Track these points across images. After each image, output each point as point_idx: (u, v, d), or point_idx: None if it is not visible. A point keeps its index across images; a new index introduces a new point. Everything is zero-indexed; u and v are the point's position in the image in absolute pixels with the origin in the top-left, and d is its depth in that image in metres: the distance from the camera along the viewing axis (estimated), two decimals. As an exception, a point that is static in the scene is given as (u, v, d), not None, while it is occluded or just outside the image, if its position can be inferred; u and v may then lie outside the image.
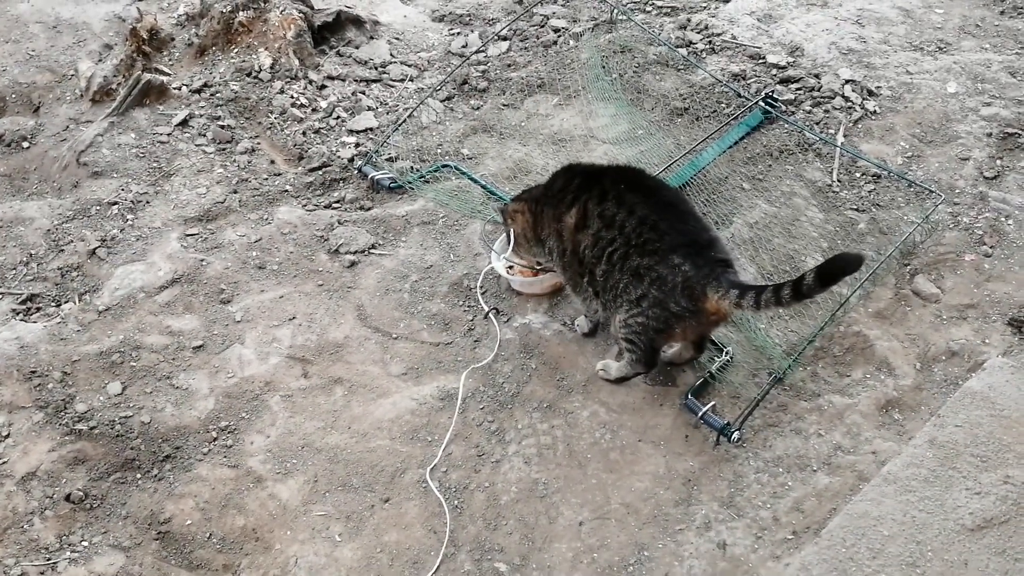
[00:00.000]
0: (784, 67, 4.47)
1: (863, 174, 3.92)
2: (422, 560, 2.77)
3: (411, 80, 4.73)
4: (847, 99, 4.24)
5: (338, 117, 4.45)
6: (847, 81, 4.33)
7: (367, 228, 3.86)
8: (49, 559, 2.83)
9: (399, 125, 4.35)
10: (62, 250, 3.85)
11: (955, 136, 4.06)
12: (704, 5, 4.97)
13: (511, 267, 3.57)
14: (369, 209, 3.99)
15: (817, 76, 4.40)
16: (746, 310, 2.82)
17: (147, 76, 4.47)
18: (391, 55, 4.86)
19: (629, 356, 3.11)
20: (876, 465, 2.91)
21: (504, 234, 3.48)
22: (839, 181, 3.90)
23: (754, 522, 2.83)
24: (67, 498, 2.96)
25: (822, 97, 4.27)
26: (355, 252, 3.76)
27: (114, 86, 4.53)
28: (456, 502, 2.92)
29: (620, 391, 3.20)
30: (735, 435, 2.98)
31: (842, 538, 2.65)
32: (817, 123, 4.15)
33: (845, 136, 4.07)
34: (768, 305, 2.75)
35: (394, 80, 4.72)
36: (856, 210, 3.77)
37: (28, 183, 4.24)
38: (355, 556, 2.79)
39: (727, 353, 3.25)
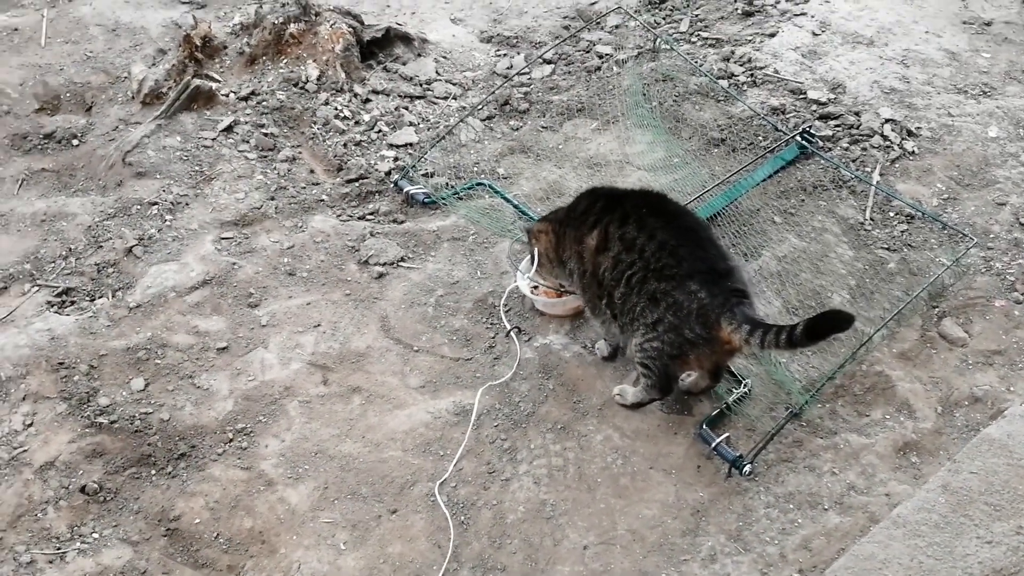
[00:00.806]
0: (824, 103, 4.45)
1: (897, 214, 3.89)
2: (424, 574, 2.79)
3: (454, 98, 4.79)
4: (886, 138, 4.21)
5: (380, 131, 4.52)
6: (887, 120, 4.31)
7: (398, 241, 3.90)
8: (59, 548, 2.89)
9: (438, 141, 4.41)
10: (101, 246, 3.94)
11: (993, 181, 4.02)
12: (750, 39, 4.97)
13: (535, 287, 3.60)
14: (402, 223, 4.03)
15: (857, 114, 4.38)
16: (753, 348, 2.82)
17: (197, 82, 4.57)
18: (437, 73, 4.92)
19: (645, 381, 3.11)
20: (889, 507, 2.88)
21: (529, 254, 3.51)
22: (872, 219, 3.87)
23: (760, 557, 2.81)
24: (82, 489, 3.02)
25: (860, 135, 4.25)
26: (384, 264, 3.80)
27: (164, 90, 4.65)
28: (463, 518, 2.93)
29: (635, 417, 3.20)
30: (747, 468, 2.97)
31: (846, 579, 2.63)
32: (854, 161, 4.13)
33: (881, 175, 4.04)
34: (771, 346, 2.76)
35: (438, 97, 4.78)
36: (887, 249, 3.74)
37: (75, 180, 4.35)
38: (358, 565, 2.81)
39: (745, 385, 3.24)
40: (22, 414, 3.25)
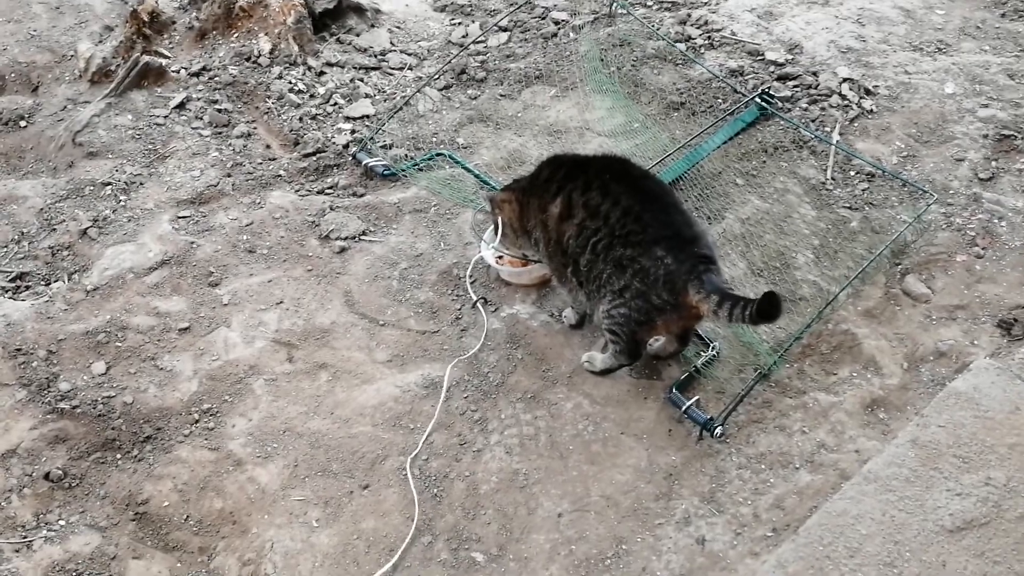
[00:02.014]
0: (782, 64, 4.45)
1: (857, 172, 3.90)
2: (398, 547, 2.77)
3: (410, 68, 4.72)
4: (844, 97, 4.22)
5: (335, 104, 4.45)
6: (845, 79, 4.31)
7: (359, 215, 3.85)
8: (25, 536, 2.83)
9: (395, 112, 4.34)
10: (54, 229, 3.85)
11: (951, 137, 4.04)
12: (705, 1, 4.95)
13: (500, 257, 3.57)
14: (362, 196, 3.98)
15: (815, 74, 4.38)
16: (722, 320, 2.82)
17: (146, 58, 4.47)
18: (391, 43, 4.85)
19: (613, 348, 3.10)
20: (859, 464, 2.89)
21: (493, 224, 3.48)
22: (833, 179, 3.88)
23: (734, 518, 2.82)
24: (46, 476, 2.96)
25: (819, 95, 4.25)
26: (345, 238, 3.75)
27: (113, 67, 4.54)
28: (436, 490, 2.91)
29: (604, 383, 3.19)
30: (718, 430, 2.98)
31: (819, 536, 2.64)
32: (813, 121, 4.13)
33: (841, 135, 4.05)
34: (738, 320, 2.78)
35: (393, 68, 4.71)
36: (849, 208, 3.76)
37: (24, 162, 4.24)
38: (332, 542, 2.78)
39: (714, 348, 3.24)
40: (-21, 403, 3.18)
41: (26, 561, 2.77)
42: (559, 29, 4.88)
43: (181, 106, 4.39)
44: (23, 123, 4.41)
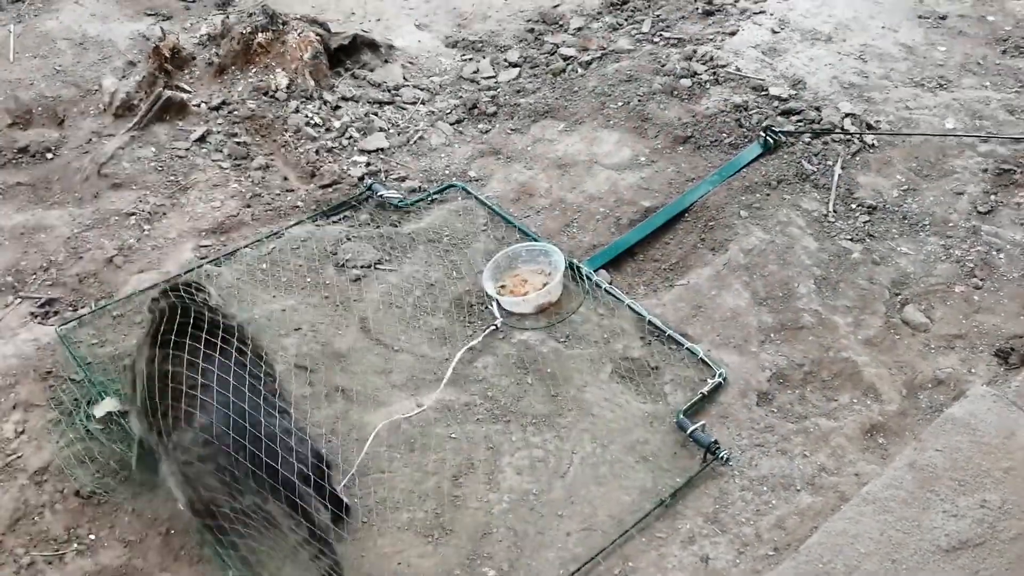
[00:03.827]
0: (786, 99, 4.58)
1: (859, 205, 4.01)
2: (413, 563, 2.87)
3: (423, 103, 4.87)
4: (846, 132, 4.34)
5: (350, 137, 4.59)
6: (847, 115, 4.44)
7: (374, 244, 3.98)
8: (57, 550, 2.94)
9: (409, 145, 4.49)
10: (81, 257, 3.98)
11: (951, 171, 4.16)
12: (711, 38, 5.10)
13: (502, 286, 3.71)
14: (377, 226, 4.11)
15: (818, 109, 4.51)
16: None
17: (168, 93, 4.62)
18: (404, 78, 5.00)
19: None
20: (858, 486, 2.99)
21: (495, 258, 3.68)
22: (835, 211, 3.99)
23: (737, 538, 2.92)
24: (76, 493, 3.07)
25: (822, 129, 4.37)
26: (361, 267, 3.88)
27: (136, 102, 4.69)
28: (448, 514, 3.01)
29: (612, 408, 3.30)
30: (723, 453, 3.07)
31: (819, 554, 2.73)
32: (816, 155, 4.25)
33: (843, 168, 4.17)
34: None
35: (406, 103, 4.86)
36: (850, 240, 3.87)
37: (50, 192, 4.38)
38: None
39: (720, 375, 3.34)
40: (13, 422, 3.29)
41: (58, 573, 2.88)
42: (567, 65, 5.03)
43: (202, 139, 4.54)
44: (49, 155, 4.56)
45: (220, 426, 2.70)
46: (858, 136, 4.34)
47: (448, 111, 4.78)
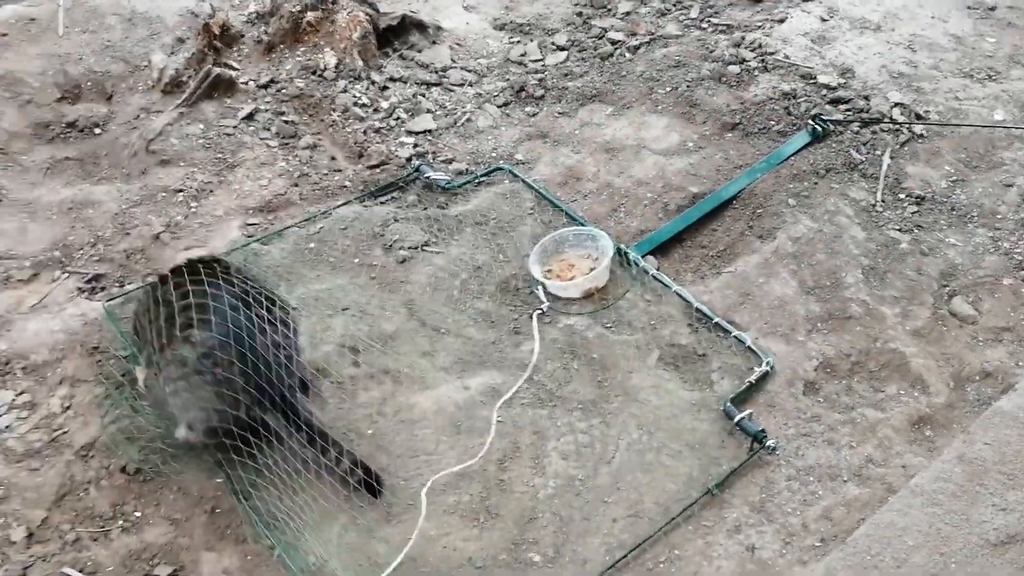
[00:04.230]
0: (834, 88, 4.54)
1: (907, 195, 3.98)
2: (460, 548, 2.90)
3: (470, 85, 4.87)
4: (895, 122, 4.30)
5: (398, 118, 4.60)
6: (896, 104, 4.40)
7: (421, 226, 3.99)
8: (103, 527, 2.99)
9: (456, 127, 4.49)
10: (128, 233, 4.02)
11: (1000, 163, 4.12)
12: (759, 25, 5.06)
13: (549, 270, 3.72)
14: (424, 208, 4.12)
15: (867, 98, 4.47)
16: None
17: (217, 70, 4.65)
18: (452, 60, 5.00)
19: None
20: (905, 478, 2.98)
21: (541, 241, 3.71)
22: (883, 201, 3.97)
23: (783, 528, 2.92)
24: (122, 470, 3.11)
25: (871, 119, 4.33)
26: (408, 248, 3.89)
27: (185, 78, 4.72)
28: (494, 498, 3.03)
29: (659, 395, 3.30)
30: (770, 442, 3.07)
31: (867, 546, 2.74)
32: (864, 144, 4.22)
33: (892, 158, 4.13)
34: None
35: (453, 84, 4.86)
36: (899, 230, 3.84)
37: (98, 168, 4.42)
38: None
39: (767, 363, 3.34)
40: (60, 397, 3.34)
41: (104, 549, 2.92)
42: (615, 49, 5.01)
43: (250, 117, 4.56)
44: (98, 130, 4.59)
45: (218, 338, 2.88)
46: (907, 126, 4.30)
47: (495, 93, 4.78)
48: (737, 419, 3.14)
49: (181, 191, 4.20)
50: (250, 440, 2.93)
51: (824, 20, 5.05)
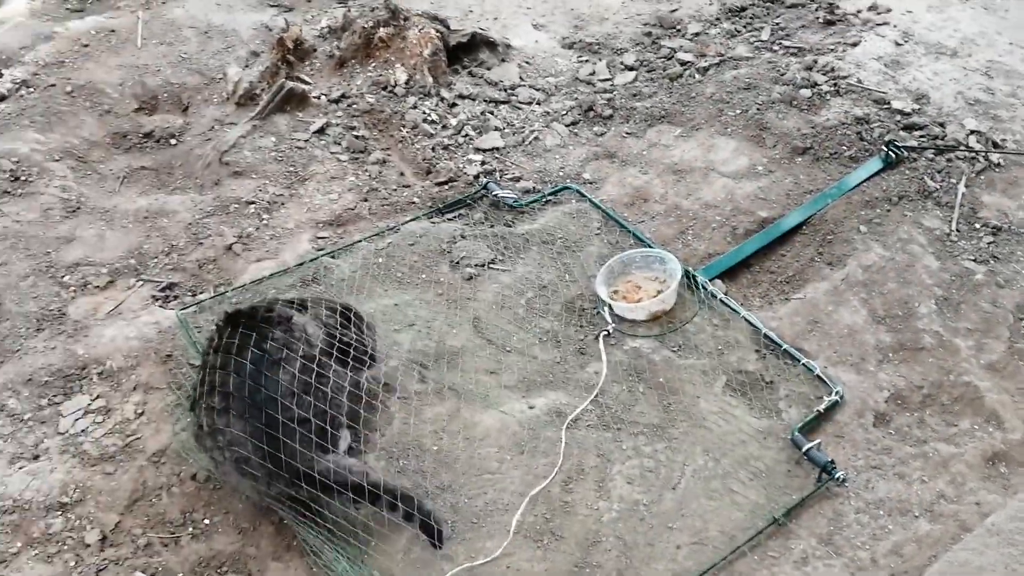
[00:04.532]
0: (909, 113, 4.48)
1: (983, 225, 3.91)
2: (523, 569, 2.89)
3: (538, 103, 4.88)
4: (971, 149, 4.23)
5: (466, 135, 4.63)
6: (972, 131, 4.33)
7: (488, 243, 4.01)
8: (173, 532, 3.03)
9: (524, 145, 4.51)
10: (201, 243, 4.09)
11: (1081, 194, 4.03)
12: (832, 48, 5.01)
13: (615, 291, 3.71)
14: (491, 225, 4.14)
15: (942, 124, 4.40)
16: None
17: (290, 84, 4.72)
18: (520, 78, 5.03)
19: None
20: (979, 516, 2.92)
21: (608, 262, 3.70)
22: (958, 231, 3.90)
23: (852, 561, 2.87)
24: (193, 477, 3.16)
25: (946, 146, 4.27)
26: (475, 265, 3.91)
27: (258, 91, 4.80)
28: (558, 519, 3.02)
29: (726, 422, 3.27)
30: (839, 474, 3.03)
31: (941, 584, 2.68)
32: (939, 171, 4.16)
33: (967, 187, 4.06)
34: None
35: (522, 102, 4.88)
36: (974, 260, 3.77)
37: (173, 178, 4.51)
38: (460, 556, 2.92)
39: (837, 392, 3.29)
40: (133, 403, 3.41)
41: (175, 556, 2.97)
42: (685, 70, 4.99)
43: (321, 131, 4.62)
44: (173, 141, 4.69)
45: (233, 432, 2.88)
46: (983, 154, 4.22)
47: (563, 112, 4.79)
48: (805, 449, 3.10)
49: (253, 203, 4.26)
50: (286, 503, 2.94)
51: (899, 44, 4.98)
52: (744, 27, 5.32)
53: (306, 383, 2.97)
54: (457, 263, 3.92)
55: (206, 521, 3.06)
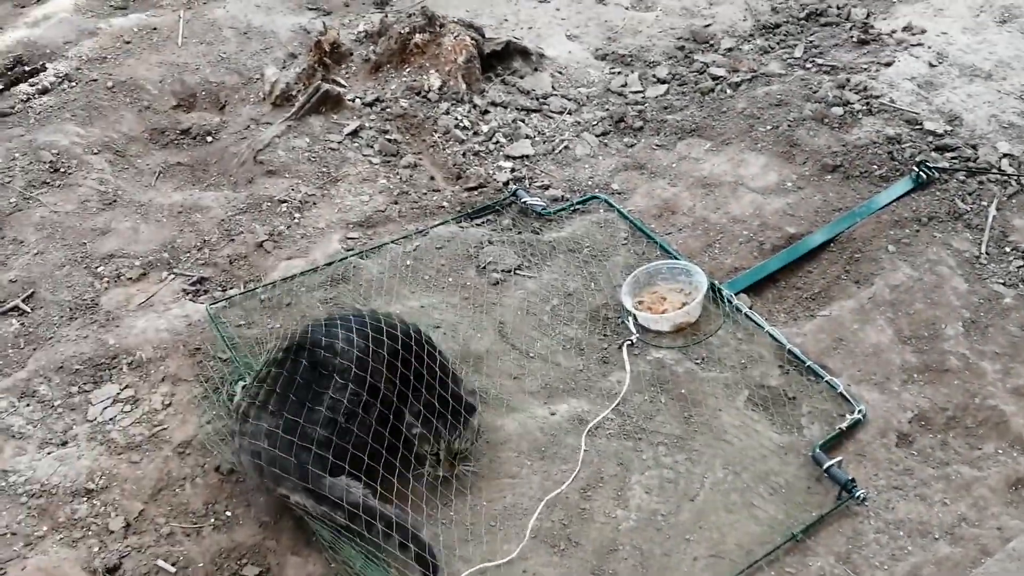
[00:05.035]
0: (941, 135, 4.47)
1: (1013, 249, 3.89)
2: (539, 573, 2.90)
3: (569, 113, 4.91)
4: (1003, 172, 4.22)
5: (497, 142, 4.66)
6: (1005, 155, 4.31)
7: (515, 250, 4.03)
8: (195, 523, 3.07)
9: (553, 154, 4.54)
10: (233, 239, 4.15)
11: (1114, 221, 4.01)
12: (865, 67, 5.00)
13: (640, 302, 3.73)
14: (519, 232, 4.16)
15: (974, 147, 4.38)
16: None
17: (325, 86, 4.77)
18: (552, 88, 5.06)
19: None
20: (1001, 541, 2.91)
21: (634, 272, 3.72)
22: (987, 254, 3.88)
23: (869, 581, 2.87)
24: (216, 469, 3.20)
25: (978, 168, 4.25)
26: (501, 271, 3.93)
27: (294, 92, 4.85)
28: (576, 526, 3.03)
29: (747, 435, 3.28)
30: (859, 492, 3.02)
31: (958, 607, 2.68)
32: (970, 194, 4.14)
33: (998, 210, 4.05)
34: None
35: (553, 112, 4.91)
36: (1003, 284, 3.76)
37: (208, 174, 4.57)
38: (477, 558, 2.94)
39: (859, 411, 3.29)
40: (161, 394, 3.45)
41: (196, 546, 3.01)
42: (716, 84, 5.01)
43: (354, 133, 4.67)
44: (209, 138, 4.75)
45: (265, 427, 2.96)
46: (1016, 178, 4.21)
47: (594, 123, 4.81)
48: (826, 466, 3.10)
49: (285, 202, 4.31)
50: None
51: (932, 66, 4.97)
52: (777, 44, 5.33)
53: (352, 413, 3.00)
54: (484, 268, 3.95)
55: (228, 513, 3.10)
